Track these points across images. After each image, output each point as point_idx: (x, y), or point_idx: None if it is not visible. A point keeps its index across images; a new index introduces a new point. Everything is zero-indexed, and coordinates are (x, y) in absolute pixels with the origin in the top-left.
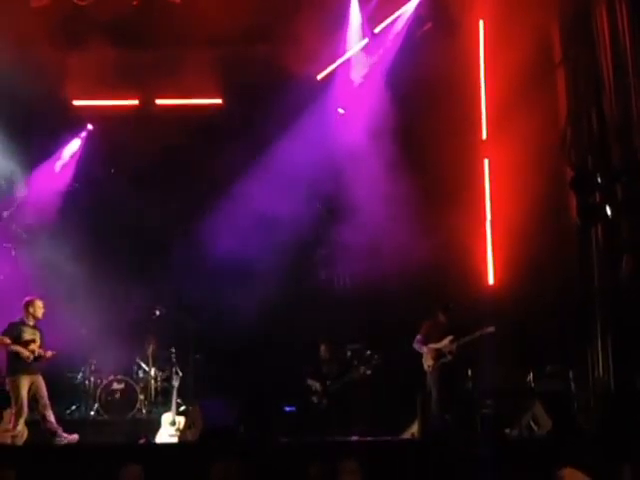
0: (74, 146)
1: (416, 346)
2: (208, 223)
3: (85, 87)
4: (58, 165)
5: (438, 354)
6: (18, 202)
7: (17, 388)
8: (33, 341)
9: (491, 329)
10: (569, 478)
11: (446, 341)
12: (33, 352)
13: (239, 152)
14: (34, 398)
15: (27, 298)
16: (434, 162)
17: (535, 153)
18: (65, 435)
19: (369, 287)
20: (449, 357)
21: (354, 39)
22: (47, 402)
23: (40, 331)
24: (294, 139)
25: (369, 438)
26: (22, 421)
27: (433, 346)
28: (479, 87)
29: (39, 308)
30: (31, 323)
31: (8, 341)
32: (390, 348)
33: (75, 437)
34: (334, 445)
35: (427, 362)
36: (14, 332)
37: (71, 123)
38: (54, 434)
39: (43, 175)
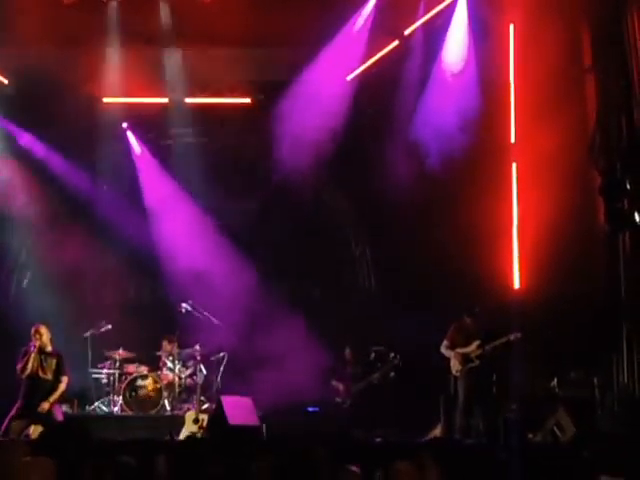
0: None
1: (443, 350)
2: (245, 225)
3: (115, 84)
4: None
5: (465, 359)
6: None
7: None
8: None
9: (518, 335)
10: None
11: (473, 346)
12: None
13: (270, 150)
14: None
15: None
16: (462, 165)
17: (563, 158)
18: None
19: (395, 290)
20: (476, 362)
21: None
22: None
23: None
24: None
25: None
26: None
27: (460, 351)
28: (508, 90)
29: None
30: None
31: None
32: (413, 350)
33: None
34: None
35: (455, 367)
36: None
37: (101, 121)
38: None
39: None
